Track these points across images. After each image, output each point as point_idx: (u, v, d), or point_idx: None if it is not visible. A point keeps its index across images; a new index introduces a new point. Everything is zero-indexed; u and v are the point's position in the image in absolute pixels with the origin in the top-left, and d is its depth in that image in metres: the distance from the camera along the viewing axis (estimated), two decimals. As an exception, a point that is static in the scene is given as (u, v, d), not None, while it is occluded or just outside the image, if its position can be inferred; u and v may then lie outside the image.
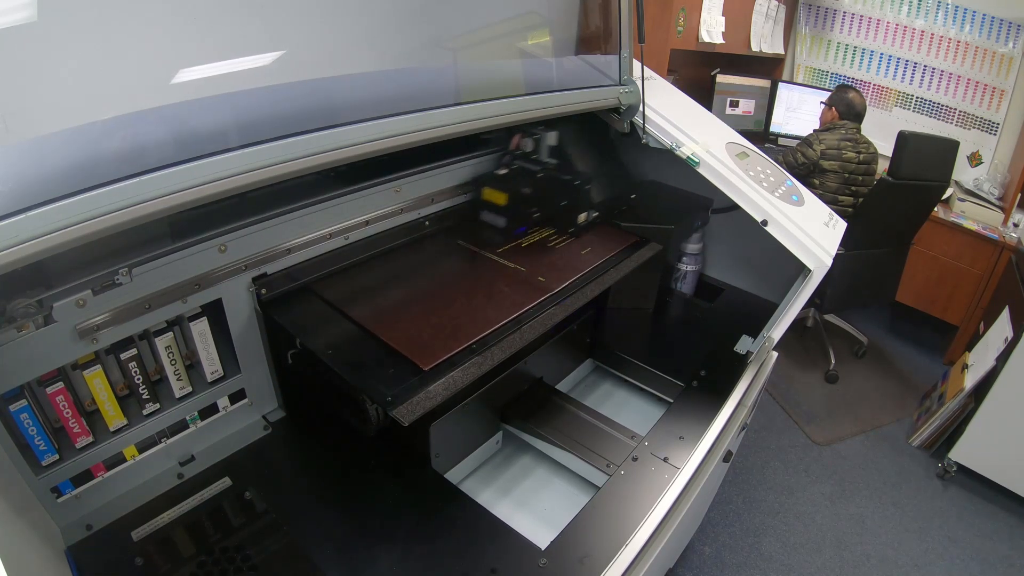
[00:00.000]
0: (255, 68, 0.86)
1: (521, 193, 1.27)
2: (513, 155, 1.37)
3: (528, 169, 1.33)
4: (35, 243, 0.60)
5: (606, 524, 0.93)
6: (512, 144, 1.37)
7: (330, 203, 1.08)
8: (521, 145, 1.36)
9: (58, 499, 0.87)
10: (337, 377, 0.90)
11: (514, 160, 1.36)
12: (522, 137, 1.36)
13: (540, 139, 1.36)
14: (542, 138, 1.35)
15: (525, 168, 1.34)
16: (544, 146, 1.35)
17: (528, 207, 1.29)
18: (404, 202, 1.23)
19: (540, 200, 1.29)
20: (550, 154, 1.37)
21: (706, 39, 2.78)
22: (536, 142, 1.36)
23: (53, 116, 0.67)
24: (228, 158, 0.74)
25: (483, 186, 1.30)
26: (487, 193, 1.29)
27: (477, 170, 1.38)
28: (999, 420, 2.24)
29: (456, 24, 1.19)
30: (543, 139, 1.35)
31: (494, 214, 1.28)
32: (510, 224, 1.28)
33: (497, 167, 1.36)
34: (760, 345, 1.30)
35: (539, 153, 1.36)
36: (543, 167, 1.33)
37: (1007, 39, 3.24)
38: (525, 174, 1.32)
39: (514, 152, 1.37)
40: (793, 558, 2.02)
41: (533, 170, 1.32)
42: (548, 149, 1.35)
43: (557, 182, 1.30)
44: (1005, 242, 2.95)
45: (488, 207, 1.29)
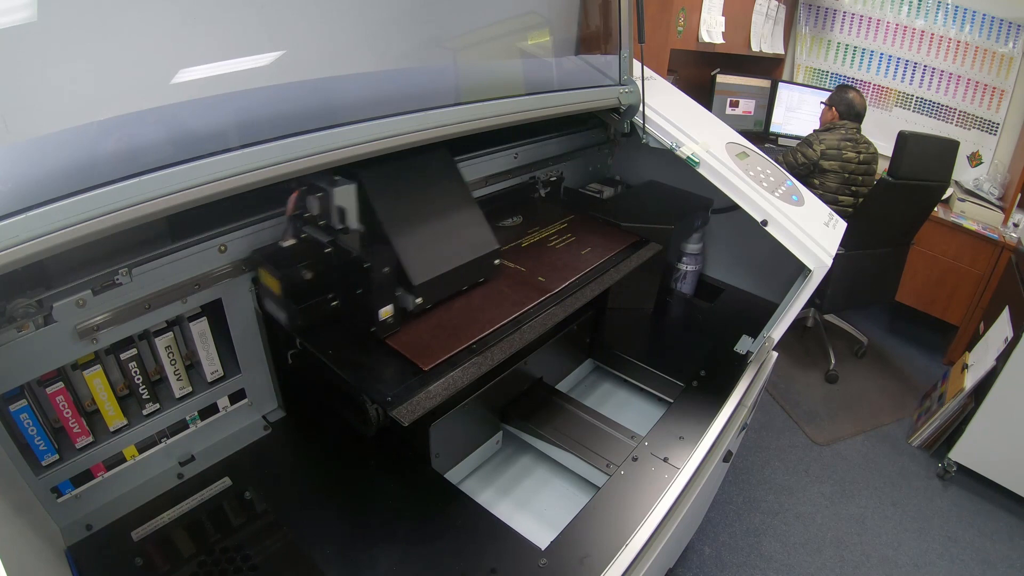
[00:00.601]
0: (255, 68, 0.85)
1: (301, 277, 0.93)
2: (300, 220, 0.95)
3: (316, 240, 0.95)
4: (35, 243, 0.60)
5: (606, 524, 0.93)
6: (289, 206, 0.91)
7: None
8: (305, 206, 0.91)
9: (58, 499, 0.87)
10: (337, 377, 0.90)
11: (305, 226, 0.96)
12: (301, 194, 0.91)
13: (326, 196, 0.89)
14: (328, 195, 0.89)
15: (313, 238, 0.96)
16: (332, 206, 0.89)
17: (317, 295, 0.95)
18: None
19: (331, 285, 0.96)
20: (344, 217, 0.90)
21: (706, 39, 2.78)
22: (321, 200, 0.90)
23: (53, 116, 0.67)
24: (228, 158, 0.74)
25: (260, 264, 0.95)
26: (263, 275, 0.95)
27: (476, 172, 1.36)
28: (999, 420, 2.24)
29: (456, 24, 1.19)
30: (330, 196, 0.89)
31: (273, 304, 0.96)
32: (292, 320, 0.93)
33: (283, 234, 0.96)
34: (760, 345, 1.30)
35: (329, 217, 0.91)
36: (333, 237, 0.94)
37: (1007, 39, 3.24)
38: (312, 247, 0.95)
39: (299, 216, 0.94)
40: (793, 558, 2.02)
41: (321, 241, 0.95)
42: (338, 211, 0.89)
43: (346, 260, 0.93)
44: (1005, 242, 2.95)
45: (267, 293, 0.96)
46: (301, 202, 0.91)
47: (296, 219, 0.94)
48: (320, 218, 0.92)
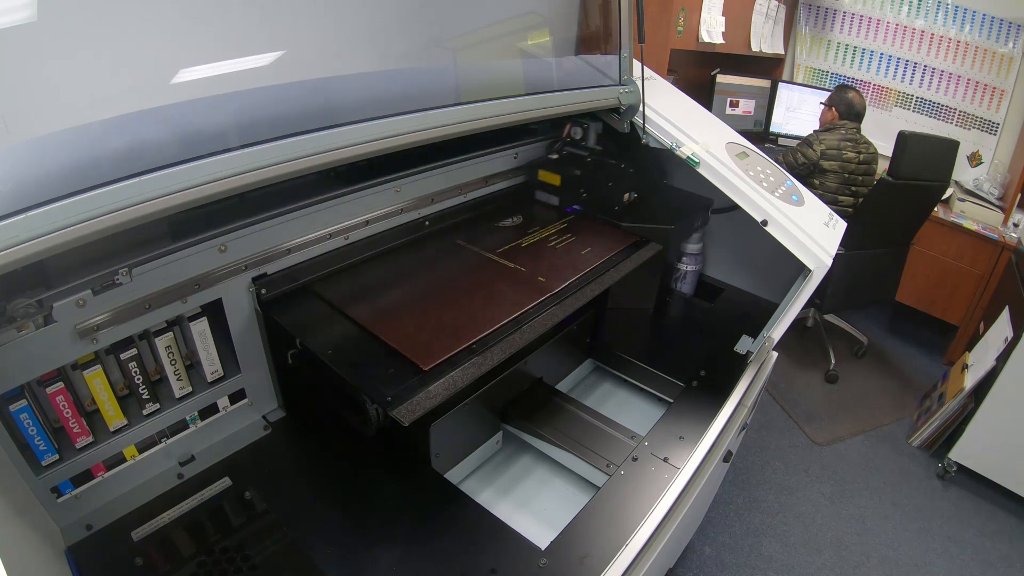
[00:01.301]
0: (255, 68, 0.86)
1: (572, 175, 1.42)
2: (564, 141, 1.56)
3: (577, 154, 1.53)
4: (35, 243, 0.60)
5: (606, 524, 0.93)
6: (564, 132, 1.58)
7: (330, 203, 1.08)
8: (571, 132, 1.57)
9: (58, 499, 0.87)
10: (337, 377, 0.90)
11: (564, 146, 1.56)
12: (572, 126, 1.57)
13: (588, 127, 1.56)
14: (589, 127, 1.56)
15: (574, 154, 1.53)
16: (591, 133, 1.57)
17: (578, 188, 1.43)
18: (404, 202, 1.23)
19: (588, 182, 1.43)
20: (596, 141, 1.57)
21: (706, 39, 2.78)
22: (584, 130, 1.57)
23: (53, 116, 0.67)
24: (228, 158, 0.74)
25: (538, 168, 1.47)
26: (542, 174, 1.46)
27: (476, 172, 1.38)
28: (999, 420, 2.24)
29: (456, 24, 1.19)
30: (590, 128, 1.56)
31: (548, 193, 1.48)
32: (563, 202, 1.46)
33: (549, 152, 1.56)
34: (760, 345, 1.30)
35: (587, 140, 1.57)
36: (590, 152, 1.53)
37: (1007, 39, 3.24)
38: (575, 159, 1.50)
39: (565, 139, 1.57)
40: (793, 558, 2.02)
41: (582, 155, 1.51)
42: (594, 136, 1.56)
43: (604, 166, 1.46)
44: (1005, 242, 2.95)
45: (543, 187, 1.48)
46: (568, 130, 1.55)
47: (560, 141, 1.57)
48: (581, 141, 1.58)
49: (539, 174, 1.47)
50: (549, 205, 1.47)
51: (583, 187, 1.43)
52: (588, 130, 1.55)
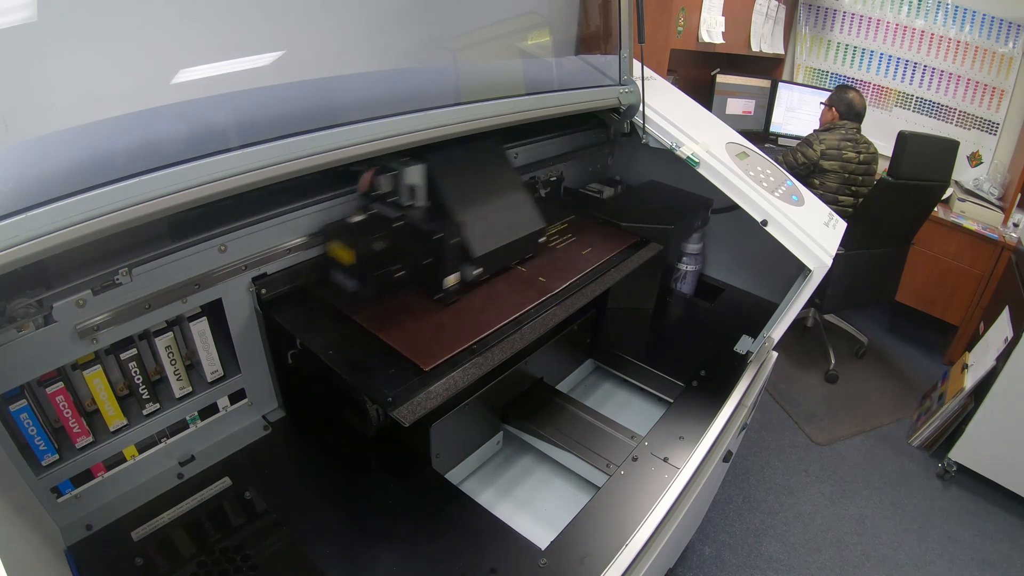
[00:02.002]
0: (255, 68, 0.86)
1: (371, 248, 0.99)
2: (368, 197, 1.06)
3: (385, 215, 1.04)
4: (35, 243, 0.60)
5: (606, 524, 0.93)
6: (361, 184, 1.04)
7: (330, 203, 1.08)
8: (375, 184, 1.03)
9: (58, 499, 0.87)
10: (337, 377, 0.90)
11: (372, 203, 1.06)
12: (375, 174, 1.03)
13: (399, 175, 1.03)
14: (400, 174, 1.02)
15: (383, 214, 1.04)
16: (403, 185, 1.03)
17: (385, 265, 1.03)
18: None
19: (399, 256, 1.03)
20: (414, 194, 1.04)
21: (706, 39, 2.78)
22: (395, 179, 1.04)
23: (53, 116, 0.67)
24: (228, 158, 0.74)
25: (331, 238, 1.02)
26: (334, 248, 1.02)
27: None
28: (999, 420, 2.24)
29: (456, 24, 1.19)
30: (402, 175, 1.02)
31: (343, 275, 1.02)
32: (362, 288, 1.01)
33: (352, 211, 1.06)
34: (760, 345, 1.30)
35: (399, 193, 1.04)
36: (403, 212, 1.03)
37: (1007, 39, 3.24)
38: (382, 221, 1.03)
39: (369, 193, 1.05)
40: (793, 558, 2.02)
41: (390, 216, 1.03)
42: (407, 189, 1.03)
43: (416, 233, 1.01)
44: (1005, 242, 2.95)
45: (336, 265, 1.03)
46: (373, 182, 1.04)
47: (365, 197, 1.06)
48: (390, 195, 1.05)
49: (330, 247, 1.03)
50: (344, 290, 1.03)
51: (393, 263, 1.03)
52: (400, 178, 1.03)
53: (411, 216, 1.03)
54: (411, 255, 1.03)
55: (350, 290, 1.02)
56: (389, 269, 1.03)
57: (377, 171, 1.03)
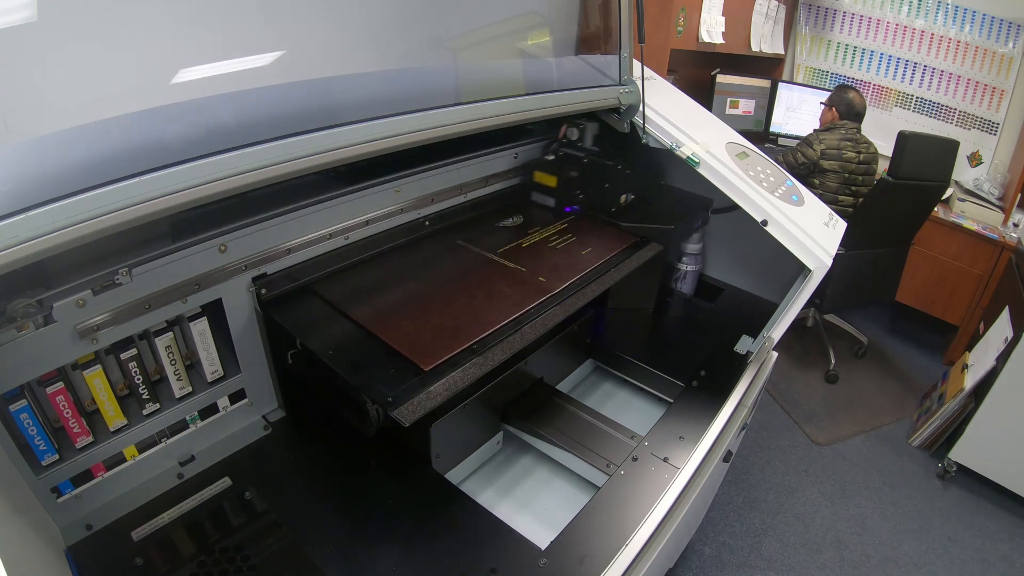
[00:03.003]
0: (255, 68, 0.86)
1: (568, 176, 1.42)
2: (560, 142, 1.54)
3: (574, 155, 1.50)
4: (35, 243, 0.60)
5: (606, 524, 0.93)
6: (560, 133, 1.55)
7: (330, 203, 1.08)
8: (567, 133, 1.54)
9: (58, 499, 0.87)
10: (337, 377, 0.90)
11: (561, 147, 1.53)
12: (568, 126, 1.53)
13: (584, 128, 1.53)
14: (586, 127, 1.53)
15: (570, 155, 1.51)
16: (588, 134, 1.54)
17: (574, 189, 1.43)
18: (404, 202, 1.23)
19: (585, 183, 1.43)
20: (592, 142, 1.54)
21: (706, 39, 2.78)
22: (580, 131, 1.54)
23: (53, 116, 0.67)
24: (228, 158, 0.74)
25: (534, 170, 1.46)
26: (538, 176, 1.45)
27: (476, 172, 1.38)
28: (999, 420, 2.24)
29: (456, 24, 1.19)
30: (587, 128, 1.53)
31: (544, 195, 1.47)
32: (559, 203, 1.44)
33: (545, 153, 1.53)
34: (760, 345, 1.30)
35: (583, 141, 1.54)
36: (587, 153, 1.51)
37: (1007, 39, 3.24)
38: (571, 160, 1.49)
39: (561, 140, 1.54)
40: (793, 558, 2.02)
41: (578, 156, 1.50)
42: (591, 137, 1.54)
43: (600, 167, 1.45)
44: (1005, 242, 2.95)
45: (539, 188, 1.47)
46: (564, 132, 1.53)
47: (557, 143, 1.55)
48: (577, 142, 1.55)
49: (535, 175, 1.46)
50: (545, 207, 1.46)
51: (580, 189, 1.43)
52: (584, 131, 1.54)
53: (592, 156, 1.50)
54: (593, 183, 1.44)
55: (549, 205, 1.46)
56: (576, 191, 1.43)
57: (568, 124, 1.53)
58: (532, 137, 1.53)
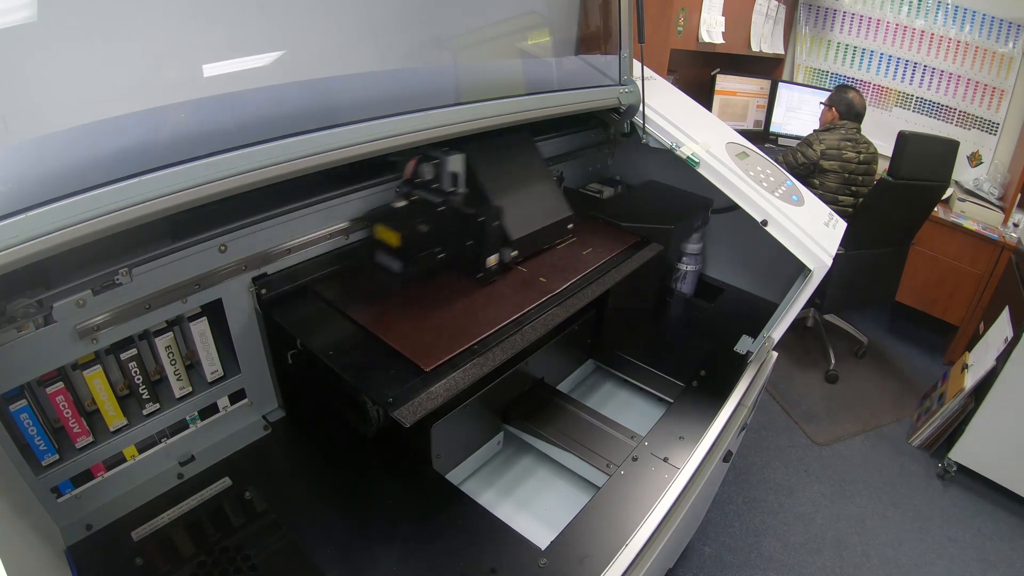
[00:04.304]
0: (255, 68, 0.85)
1: (417, 231, 1.05)
2: (412, 184, 1.12)
3: (429, 201, 1.09)
4: (35, 243, 0.60)
5: (606, 524, 0.93)
6: (407, 171, 1.10)
7: (330, 203, 1.08)
8: (419, 172, 1.11)
9: (58, 499, 0.87)
10: (338, 378, 0.90)
11: (414, 189, 1.11)
12: (419, 161, 1.10)
13: (441, 164, 1.09)
14: (443, 162, 1.09)
15: (426, 199, 1.09)
16: (445, 172, 1.09)
17: (427, 247, 1.08)
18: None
19: (441, 238, 1.09)
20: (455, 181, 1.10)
21: (706, 39, 2.78)
22: (437, 167, 1.10)
23: (53, 116, 0.67)
24: (228, 158, 0.74)
25: (376, 222, 1.10)
26: (380, 231, 1.09)
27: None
28: (999, 420, 2.24)
29: (456, 24, 1.19)
30: (444, 164, 1.09)
31: (388, 256, 1.08)
32: (406, 268, 1.07)
33: (395, 198, 1.11)
34: (760, 345, 1.30)
35: (441, 180, 1.10)
36: (445, 198, 1.09)
37: (1007, 39, 3.24)
38: (425, 207, 1.09)
39: (412, 180, 1.11)
40: (793, 558, 2.02)
41: (434, 202, 1.08)
42: (450, 176, 1.09)
43: (460, 217, 1.09)
44: (1005, 242, 2.95)
45: (381, 247, 1.09)
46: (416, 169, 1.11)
47: (407, 184, 1.11)
48: (432, 183, 1.10)
49: (376, 230, 1.10)
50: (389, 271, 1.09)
51: (436, 246, 1.10)
52: (442, 166, 1.09)
53: (453, 201, 1.09)
54: (453, 238, 1.10)
55: (395, 271, 1.08)
56: (432, 251, 1.09)
57: (420, 160, 1.10)
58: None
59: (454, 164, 1.09)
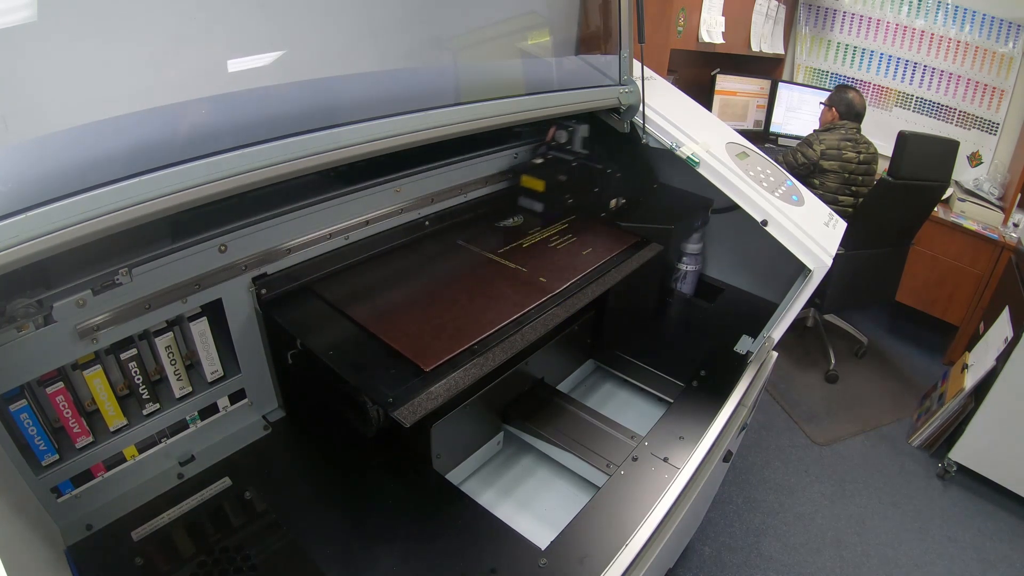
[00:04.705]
0: (255, 68, 0.86)
1: (557, 180, 1.38)
2: (548, 145, 1.48)
3: (562, 159, 1.44)
4: (35, 243, 0.60)
5: (606, 524, 0.93)
6: (548, 135, 1.50)
7: (330, 203, 1.08)
8: (556, 136, 1.49)
9: (58, 499, 0.87)
10: (338, 378, 0.90)
11: (549, 150, 1.47)
12: (557, 129, 1.48)
13: (573, 131, 1.48)
14: (575, 130, 1.48)
15: (559, 158, 1.44)
16: (577, 137, 1.48)
17: (563, 193, 1.39)
18: (404, 202, 1.23)
19: (574, 187, 1.39)
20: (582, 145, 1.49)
21: (706, 39, 2.78)
22: (570, 133, 1.48)
23: (53, 116, 0.67)
24: (228, 158, 0.74)
25: (521, 174, 1.42)
26: (525, 180, 1.41)
27: (476, 171, 1.37)
28: (999, 420, 2.24)
29: (456, 24, 1.19)
30: (576, 131, 1.48)
31: (531, 200, 1.41)
32: (547, 209, 1.39)
33: (533, 156, 1.47)
34: (760, 345, 1.30)
35: (572, 144, 1.48)
36: (576, 157, 1.44)
37: (1007, 39, 3.24)
38: (560, 163, 1.42)
39: (549, 143, 1.49)
40: (793, 558, 2.02)
41: (567, 159, 1.43)
42: (580, 140, 1.48)
43: (590, 170, 1.41)
44: (1005, 242, 2.95)
45: (526, 193, 1.41)
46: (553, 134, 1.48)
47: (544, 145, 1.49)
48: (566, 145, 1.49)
49: (522, 179, 1.42)
50: (533, 212, 1.41)
51: (568, 193, 1.39)
52: (574, 133, 1.48)
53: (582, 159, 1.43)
54: (582, 187, 1.40)
55: (536, 211, 1.40)
56: (565, 196, 1.38)
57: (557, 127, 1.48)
58: (527, 139, 1.53)
59: (584, 131, 1.48)
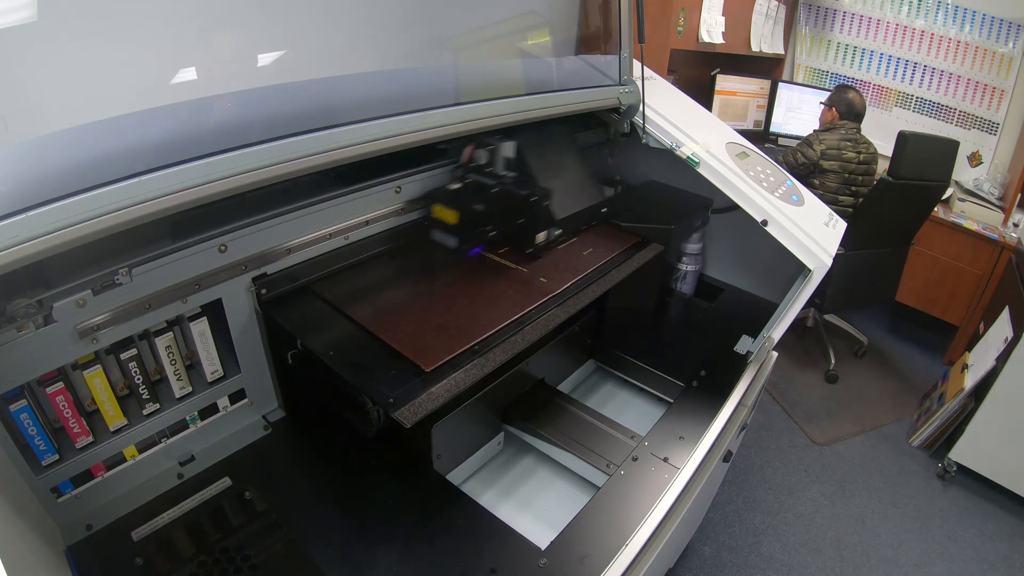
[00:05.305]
0: (255, 68, 0.86)
1: (473, 210, 1.14)
2: (466, 168, 1.24)
3: (482, 183, 1.21)
4: (35, 243, 0.60)
5: (606, 524, 0.93)
6: (464, 156, 1.24)
7: (330, 203, 1.08)
8: (474, 157, 1.24)
9: (58, 499, 0.87)
10: (338, 378, 0.90)
11: (467, 173, 1.23)
12: (475, 148, 1.24)
13: (495, 150, 1.23)
14: (497, 149, 1.23)
15: (479, 182, 1.22)
16: (499, 157, 1.23)
17: (481, 225, 1.17)
18: (404, 202, 1.23)
19: (494, 217, 1.17)
20: (507, 166, 1.24)
21: (706, 39, 2.78)
22: (491, 153, 1.23)
23: (53, 116, 0.67)
24: (227, 158, 0.74)
25: (433, 202, 1.18)
26: (437, 210, 1.17)
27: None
28: (999, 420, 2.24)
29: (456, 24, 1.19)
30: (498, 150, 1.23)
31: (444, 233, 1.17)
32: (462, 244, 1.16)
33: (449, 181, 1.24)
34: (760, 345, 1.30)
35: (494, 165, 1.24)
36: (498, 181, 1.21)
37: (1007, 39, 3.24)
38: (479, 188, 1.20)
39: (467, 165, 1.25)
40: (793, 558, 2.02)
41: (487, 184, 1.20)
42: (504, 161, 1.23)
43: (513, 197, 1.19)
44: (1005, 242, 2.95)
45: (438, 225, 1.17)
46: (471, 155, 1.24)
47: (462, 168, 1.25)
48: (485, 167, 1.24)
49: (433, 210, 1.17)
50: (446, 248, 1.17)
51: (488, 224, 1.17)
52: (496, 152, 1.24)
53: (506, 183, 1.21)
54: (505, 216, 1.19)
55: (451, 247, 1.17)
56: (484, 229, 1.17)
57: (475, 146, 1.23)
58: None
59: (507, 150, 1.24)
